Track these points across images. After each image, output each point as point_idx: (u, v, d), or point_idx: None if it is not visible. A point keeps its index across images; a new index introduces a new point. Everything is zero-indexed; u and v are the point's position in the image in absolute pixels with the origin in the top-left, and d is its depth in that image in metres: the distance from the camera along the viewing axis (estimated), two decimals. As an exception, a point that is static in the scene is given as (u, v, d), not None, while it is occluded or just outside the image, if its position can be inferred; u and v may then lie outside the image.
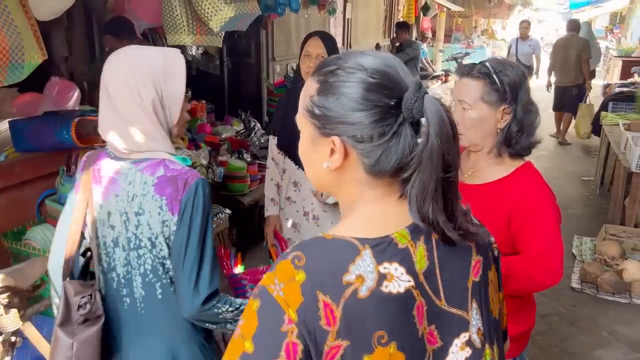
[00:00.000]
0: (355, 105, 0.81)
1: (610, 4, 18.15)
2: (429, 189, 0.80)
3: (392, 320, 0.80)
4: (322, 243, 0.82)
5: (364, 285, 0.78)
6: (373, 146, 0.81)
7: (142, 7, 2.62)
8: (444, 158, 0.80)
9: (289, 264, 0.79)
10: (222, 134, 4.99)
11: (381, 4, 9.85)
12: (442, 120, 0.80)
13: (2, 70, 1.52)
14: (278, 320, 0.76)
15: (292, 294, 0.77)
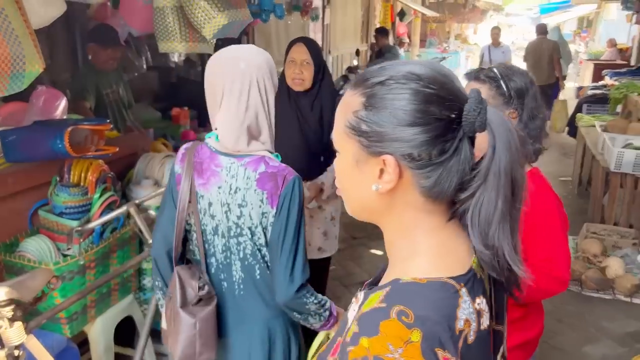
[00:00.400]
0: (411, 119, 0.71)
1: (578, 9, 18.65)
2: (496, 210, 0.71)
3: (486, 355, 0.77)
4: (419, 289, 0.72)
5: (470, 328, 0.72)
6: (432, 165, 0.72)
7: (133, 15, 2.60)
8: (512, 176, 0.72)
9: (398, 324, 0.67)
10: (205, 141, 4.96)
11: (359, 10, 9.94)
12: (510, 133, 0.72)
13: (4, 80, 1.50)
14: None
15: (413, 358, 0.65)
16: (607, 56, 11.83)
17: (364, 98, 0.75)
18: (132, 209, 2.12)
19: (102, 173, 2.34)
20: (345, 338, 0.72)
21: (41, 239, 2.18)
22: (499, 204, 0.71)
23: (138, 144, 2.89)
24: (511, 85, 1.48)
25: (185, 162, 1.53)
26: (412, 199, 0.75)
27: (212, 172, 1.48)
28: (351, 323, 0.74)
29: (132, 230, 2.46)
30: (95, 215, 2.25)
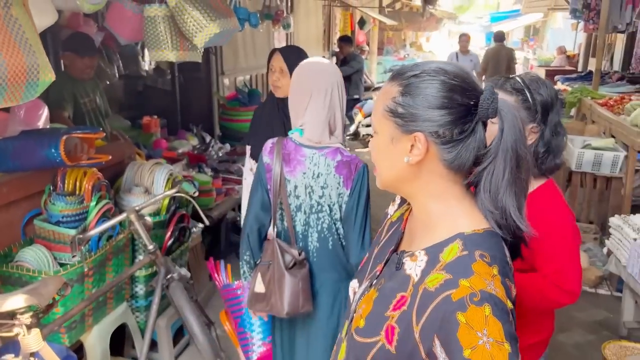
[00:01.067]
0: (440, 104, 0.89)
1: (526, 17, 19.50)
2: (504, 179, 0.90)
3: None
4: (482, 237, 0.91)
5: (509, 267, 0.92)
6: (454, 142, 0.90)
7: (121, 24, 2.61)
8: (517, 152, 0.90)
9: (483, 263, 0.86)
10: (178, 149, 4.95)
11: (320, 19, 10.09)
12: (515, 118, 0.91)
13: (20, 89, 1.51)
14: (508, 315, 0.83)
15: (500, 287, 0.84)
16: (557, 63, 12.42)
17: (401, 87, 0.94)
18: (133, 215, 2.14)
19: (97, 181, 2.34)
20: (428, 288, 0.88)
21: (38, 249, 2.17)
22: (506, 174, 0.90)
23: (124, 152, 2.89)
24: (537, 99, 1.47)
25: (274, 153, 1.85)
26: (437, 169, 0.93)
27: (298, 161, 1.83)
28: (424, 276, 0.90)
29: (126, 237, 2.47)
30: (92, 223, 2.25)
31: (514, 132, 0.90)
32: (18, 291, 1.61)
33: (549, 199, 1.52)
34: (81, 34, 3.53)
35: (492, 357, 0.78)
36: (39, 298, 1.59)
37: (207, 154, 5.06)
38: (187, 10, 2.41)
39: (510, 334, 0.81)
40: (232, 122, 5.93)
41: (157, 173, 2.70)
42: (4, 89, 1.45)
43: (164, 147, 4.86)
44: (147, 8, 2.49)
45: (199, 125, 5.76)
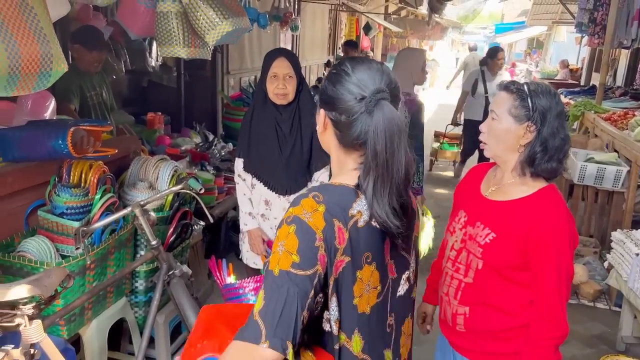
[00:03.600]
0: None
1: (530, 30, 19.60)
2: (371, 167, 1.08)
3: (375, 246, 1.11)
4: (332, 187, 1.13)
5: (361, 218, 1.09)
6: (346, 124, 1.10)
7: (133, 19, 2.61)
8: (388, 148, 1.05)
9: (312, 200, 1.07)
10: (181, 146, 4.95)
11: (326, 22, 10.12)
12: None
13: (33, 78, 1.50)
14: (312, 238, 1.03)
15: (318, 220, 1.04)
16: (560, 76, 12.46)
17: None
18: (138, 210, 2.13)
19: (103, 174, 2.34)
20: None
21: (41, 240, 2.16)
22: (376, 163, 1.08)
23: (130, 147, 2.89)
24: (536, 102, 1.53)
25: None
26: (335, 143, 1.15)
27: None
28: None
29: (129, 232, 2.46)
30: (96, 216, 2.24)
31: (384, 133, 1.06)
32: (21, 281, 1.59)
33: (549, 203, 1.55)
34: (91, 27, 3.52)
35: (278, 260, 1.01)
36: (41, 289, 1.58)
37: (209, 152, 5.05)
38: (200, 7, 2.41)
39: (303, 251, 1.01)
40: (235, 121, 5.92)
41: (162, 169, 2.69)
42: (17, 78, 1.45)
43: (167, 143, 4.86)
44: (160, 3, 2.49)
45: (202, 124, 5.76)
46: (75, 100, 3.30)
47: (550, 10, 13.48)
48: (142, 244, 2.62)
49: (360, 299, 1.10)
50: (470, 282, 1.64)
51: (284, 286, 0.99)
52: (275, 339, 0.96)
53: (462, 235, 1.68)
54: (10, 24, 1.41)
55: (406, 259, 1.22)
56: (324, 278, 1.04)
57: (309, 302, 1.01)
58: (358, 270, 1.08)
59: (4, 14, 1.40)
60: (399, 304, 1.21)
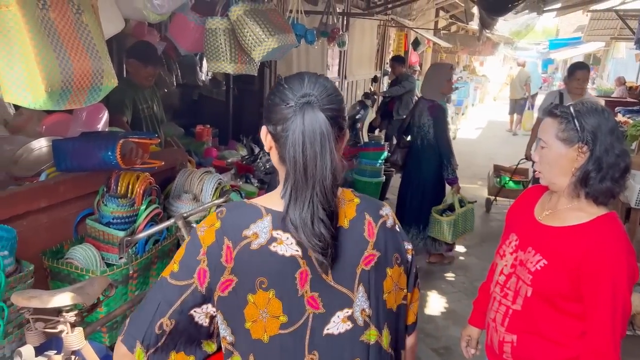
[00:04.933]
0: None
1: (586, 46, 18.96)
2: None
3: (273, 273, 1.05)
4: (240, 205, 1.12)
5: (256, 240, 1.06)
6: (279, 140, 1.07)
7: (183, 35, 2.69)
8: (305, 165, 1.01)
9: (214, 215, 1.11)
10: (227, 159, 5.04)
11: (374, 38, 10.13)
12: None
13: (84, 92, 1.57)
14: (196, 252, 1.07)
15: (209, 235, 1.07)
16: (617, 94, 11.96)
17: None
18: (181, 222, 2.17)
19: (149, 186, 2.40)
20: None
21: (88, 248, 2.23)
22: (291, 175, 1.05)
23: (177, 159, 2.95)
24: (583, 121, 1.47)
25: None
26: (277, 159, 1.11)
27: None
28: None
29: (172, 243, 2.51)
30: (141, 227, 2.30)
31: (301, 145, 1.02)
32: (65, 289, 1.64)
33: (608, 232, 1.46)
34: (146, 43, 3.65)
35: (166, 269, 1.10)
36: (84, 297, 1.62)
37: (254, 165, 5.12)
38: (247, 24, 2.46)
39: (184, 263, 1.08)
40: (281, 135, 6.00)
41: (206, 181, 2.73)
42: (69, 92, 1.51)
43: (214, 155, 4.97)
44: (209, 20, 2.55)
45: (249, 137, 5.86)
46: (128, 112, 3.41)
47: (609, 25, 13.02)
48: (185, 255, 2.66)
49: (254, 324, 1.06)
50: (519, 310, 1.57)
51: (154, 291, 1.09)
52: (128, 336, 1.08)
53: (512, 259, 1.62)
54: (65, 41, 1.47)
55: (344, 294, 1.09)
56: (207, 293, 1.07)
57: (173, 311, 1.06)
58: (250, 294, 1.05)
59: (60, 31, 1.46)
60: (330, 343, 1.08)
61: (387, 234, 1.15)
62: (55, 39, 1.44)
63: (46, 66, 1.39)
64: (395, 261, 1.16)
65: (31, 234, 2.13)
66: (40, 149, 2.68)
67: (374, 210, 1.16)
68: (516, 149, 9.54)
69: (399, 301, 1.18)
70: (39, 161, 2.59)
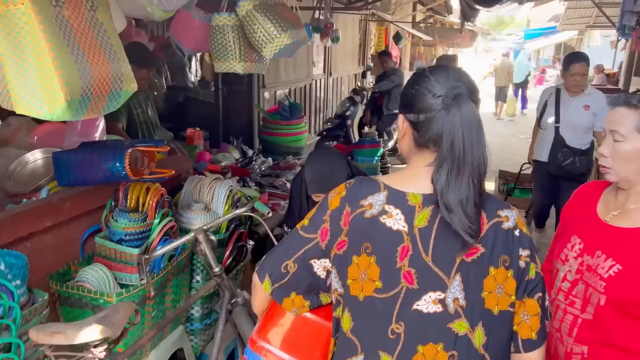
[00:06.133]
0: None
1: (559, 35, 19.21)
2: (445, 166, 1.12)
3: (378, 241, 1.16)
4: (366, 179, 1.24)
5: (369, 211, 1.17)
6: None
7: (186, 34, 2.51)
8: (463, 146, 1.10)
9: (344, 185, 1.25)
10: (221, 162, 4.85)
11: (356, 33, 10.01)
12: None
13: (103, 99, 1.39)
14: (324, 213, 1.23)
15: (335, 201, 1.23)
16: (597, 81, 12.10)
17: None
18: (202, 235, 2.00)
19: (161, 197, 2.22)
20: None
21: (99, 268, 2.05)
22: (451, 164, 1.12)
23: (182, 166, 2.78)
24: None
25: None
26: (410, 145, 1.22)
27: None
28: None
29: (187, 257, 2.34)
30: (155, 242, 2.12)
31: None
32: (90, 320, 1.47)
33: None
34: (139, 44, 3.45)
35: (301, 222, 1.29)
36: (112, 328, 1.46)
37: (250, 167, 4.95)
38: (258, 19, 2.29)
39: (314, 219, 1.26)
40: (273, 135, 5.83)
41: (217, 189, 2.57)
42: (89, 99, 1.33)
43: (208, 159, 4.77)
44: (215, 17, 2.38)
45: (240, 139, 5.68)
46: (123, 118, 3.22)
47: (584, 14, 13.13)
48: (199, 269, 2.49)
49: (354, 282, 1.18)
50: (589, 319, 1.45)
51: (288, 238, 1.28)
52: (261, 270, 1.29)
53: (577, 265, 1.49)
54: (82, 42, 1.29)
55: (440, 278, 1.14)
56: (326, 249, 1.22)
57: (297, 257, 1.23)
58: (355, 256, 1.17)
59: (75, 30, 1.29)
60: (417, 319, 1.15)
61: (499, 234, 1.15)
62: (72, 39, 1.26)
63: (65, 71, 1.21)
64: (502, 263, 1.15)
65: (36, 256, 1.93)
66: (35, 161, 2.48)
67: (491, 208, 1.17)
68: (501, 130, 11.04)
69: (503, 306, 1.16)
70: (35, 175, 2.39)
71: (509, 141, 10.16)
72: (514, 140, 10.42)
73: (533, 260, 1.18)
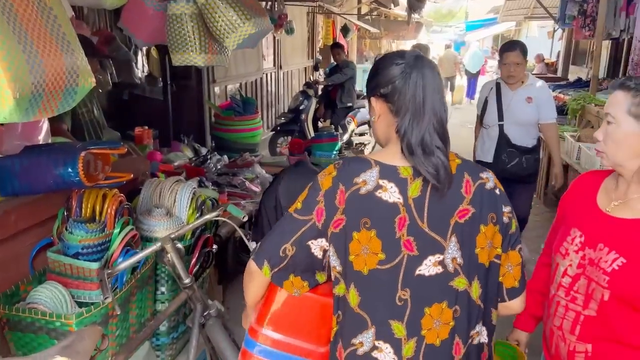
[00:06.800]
0: None
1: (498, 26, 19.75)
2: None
3: (376, 215, 1.20)
4: (355, 158, 1.28)
5: (364, 187, 1.21)
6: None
7: (139, 24, 2.29)
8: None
9: (333, 166, 1.27)
10: (174, 162, 4.61)
11: (305, 26, 9.87)
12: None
13: (57, 96, 1.19)
14: (316, 194, 1.25)
15: (327, 181, 1.25)
16: (537, 70, 12.51)
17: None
18: (169, 245, 1.82)
19: (120, 204, 2.02)
20: None
21: (54, 287, 1.83)
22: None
23: (139, 169, 2.56)
24: None
25: None
26: (388, 120, 1.28)
27: None
28: None
29: (150, 268, 2.15)
30: (116, 254, 1.92)
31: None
32: (52, 351, 1.28)
33: None
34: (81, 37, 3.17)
35: (292, 206, 1.30)
36: (78, 358, 1.27)
37: (205, 166, 4.73)
38: (219, 7, 2.12)
39: (306, 202, 1.27)
40: (226, 132, 5.63)
41: (179, 192, 2.38)
42: (41, 97, 1.14)
43: (159, 159, 4.51)
44: (171, 5, 2.19)
45: (191, 136, 5.44)
46: (68, 119, 2.96)
47: (523, 5, 13.50)
48: (163, 279, 2.30)
49: (357, 257, 1.22)
50: (593, 315, 1.39)
51: (281, 224, 1.30)
52: (258, 256, 1.29)
53: (578, 259, 1.42)
54: (30, 30, 1.10)
55: (437, 241, 1.22)
56: (322, 229, 1.23)
57: (294, 240, 1.25)
58: (355, 232, 1.21)
59: (21, 17, 1.09)
60: (421, 284, 1.22)
61: (484, 194, 1.25)
62: (18, 28, 1.06)
63: (11, 64, 1.01)
64: (490, 220, 1.25)
65: (-22, 277, 1.71)
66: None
67: (474, 172, 1.27)
68: (450, 120, 11.58)
69: (491, 258, 1.28)
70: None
71: (458, 131, 10.35)
72: (463, 130, 10.62)
73: (513, 215, 1.31)
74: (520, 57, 3.50)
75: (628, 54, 7.74)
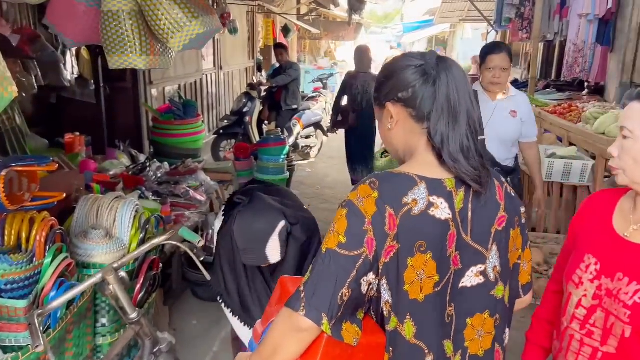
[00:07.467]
0: None
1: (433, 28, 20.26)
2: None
3: (431, 236, 1.10)
4: (390, 175, 1.13)
5: (416, 207, 1.09)
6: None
7: (69, 21, 2.01)
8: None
9: (367, 186, 1.10)
10: (110, 171, 4.27)
11: (245, 25, 9.61)
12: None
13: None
14: (361, 222, 1.07)
15: (369, 205, 1.08)
16: (473, 71, 12.85)
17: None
18: (112, 276, 1.58)
19: (51, 229, 1.75)
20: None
21: (-28, 332, 1.55)
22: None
23: (72, 185, 2.28)
24: None
25: None
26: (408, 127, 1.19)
27: None
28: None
29: (89, 300, 1.89)
30: (47, 288, 1.66)
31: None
32: None
33: None
34: (-3, 36, 2.83)
35: (327, 239, 1.09)
36: None
37: (144, 175, 4.41)
38: (162, 4, 1.89)
39: (351, 233, 1.07)
40: (166, 137, 5.30)
41: (119, 210, 2.12)
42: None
43: (93, 169, 4.16)
44: (106, 1, 1.93)
45: (127, 142, 5.09)
46: (-15, 128, 2.61)
47: (458, 8, 13.88)
48: (104, 310, 2.05)
49: (412, 285, 1.11)
50: (612, 353, 1.26)
51: (327, 263, 1.07)
52: (311, 309, 1.04)
53: (594, 289, 1.29)
54: None
55: (479, 252, 1.18)
56: (373, 261, 1.08)
57: (350, 281, 1.05)
58: (409, 258, 1.10)
59: None
60: (463, 295, 1.18)
61: (508, 198, 1.23)
62: None
63: None
64: (516, 223, 1.24)
65: None
66: None
67: (498, 177, 1.24)
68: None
69: (514, 260, 1.27)
70: None
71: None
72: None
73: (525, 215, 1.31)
74: (507, 61, 3.02)
75: (561, 55, 8.06)
